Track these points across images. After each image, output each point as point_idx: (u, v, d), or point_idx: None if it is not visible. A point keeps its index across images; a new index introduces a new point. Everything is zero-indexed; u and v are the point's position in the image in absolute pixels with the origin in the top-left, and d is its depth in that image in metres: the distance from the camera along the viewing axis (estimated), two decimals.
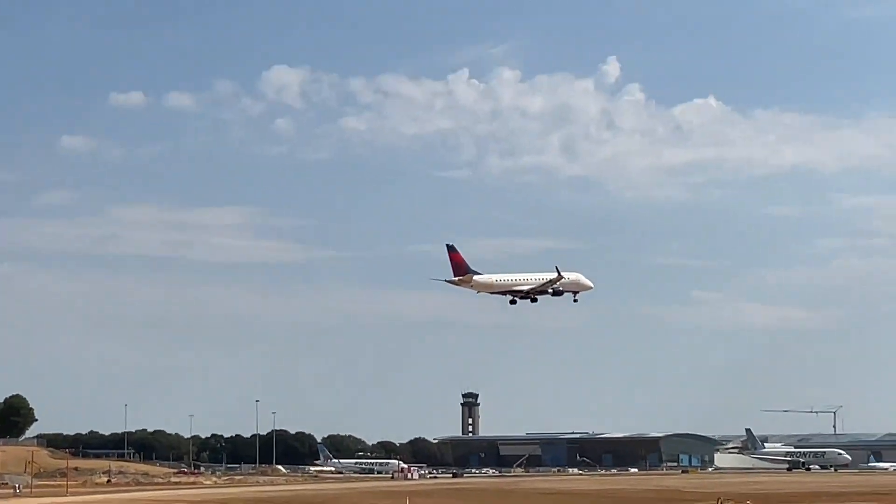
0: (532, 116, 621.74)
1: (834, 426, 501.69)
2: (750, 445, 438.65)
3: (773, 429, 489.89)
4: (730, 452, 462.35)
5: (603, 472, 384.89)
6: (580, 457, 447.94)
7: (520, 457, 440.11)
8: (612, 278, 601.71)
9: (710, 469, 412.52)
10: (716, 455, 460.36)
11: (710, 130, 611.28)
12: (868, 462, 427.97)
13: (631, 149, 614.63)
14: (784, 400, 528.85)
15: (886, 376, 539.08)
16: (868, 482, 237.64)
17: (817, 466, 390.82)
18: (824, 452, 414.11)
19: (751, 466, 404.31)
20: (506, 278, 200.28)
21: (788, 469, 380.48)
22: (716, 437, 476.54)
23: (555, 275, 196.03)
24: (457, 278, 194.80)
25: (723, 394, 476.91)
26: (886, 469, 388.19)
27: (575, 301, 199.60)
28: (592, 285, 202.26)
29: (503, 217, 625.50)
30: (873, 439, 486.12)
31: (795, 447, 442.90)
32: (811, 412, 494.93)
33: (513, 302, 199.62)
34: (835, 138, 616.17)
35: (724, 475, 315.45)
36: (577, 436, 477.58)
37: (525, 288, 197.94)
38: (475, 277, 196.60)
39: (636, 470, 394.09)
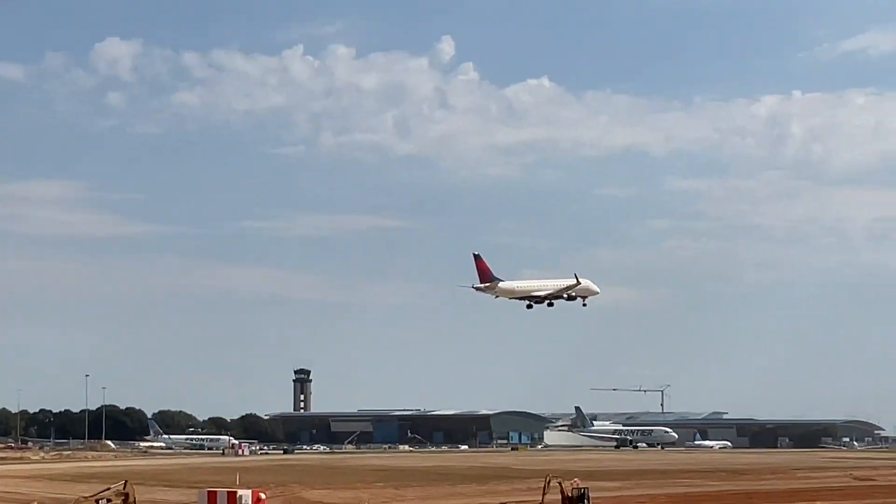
0: (366, 94, 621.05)
1: (661, 405, 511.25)
2: (579, 423, 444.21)
3: (603, 407, 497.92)
4: (559, 430, 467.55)
5: (434, 449, 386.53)
6: (411, 434, 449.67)
7: (351, 433, 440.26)
8: (444, 256, 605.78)
9: (539, 447, 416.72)
10: (545, 433, 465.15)
11: (543, 111, 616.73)
12: (694, 440, 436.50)
13: (464, 128, 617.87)
14: (613, 379, 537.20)
15: (712, 356, 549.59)
16: (694, 460, 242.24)
17: (645, 444, 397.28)
18: (651, 430, 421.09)
19: (579, 444, 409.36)
20: (526, 285, 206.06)
21: (616, 447, 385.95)
22: (546, 415, 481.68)
23: (572, 281, 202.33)
24: (483, 285, 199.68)
25: (553, 372, 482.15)
26: (712, 447, 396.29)
27: (584, 305, 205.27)
28: (600, 291, 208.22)
29: (337, 194, 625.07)
30: (699, 418, 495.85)
31: (624, 425, 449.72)
32: (639, 391, 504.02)
33: (529, 307, 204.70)
34: (664, 121, 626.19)
35: (553, 453, 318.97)
36: (409, 413, 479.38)
37: (543, 293, 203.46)
38: (500, 284, 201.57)
39: (466, 447, 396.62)
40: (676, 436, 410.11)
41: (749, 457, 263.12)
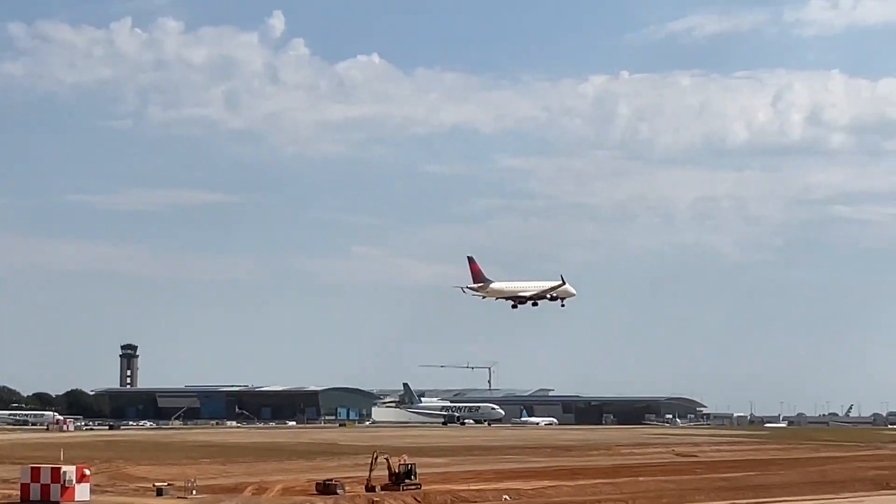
0: (196, 68, 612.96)
1: (489, 382, 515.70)
2: (407, 400, 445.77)
3: (431, 384, 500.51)
4: (388, 407, 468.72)
5: (261, 425, 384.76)
6: (239, 410, 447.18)
7: (178, 409, 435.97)
8: (273, 232, 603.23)
9: (367, 423, 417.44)
10: (374, 409, 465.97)
11: (373, 88, 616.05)
12: (521, 416, 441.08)
13: (294, 104, 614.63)
14: (442, 355, 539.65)
15: (539, 334, 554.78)
16: (520, 436, 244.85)
17: (472, 421, 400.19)
18: (479, 407, 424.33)
19: (407, 420, 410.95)
20: (514, 286, 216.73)
21: (444, 423, 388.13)
22: (374, 392, 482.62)
23: (557, 282, 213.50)
24: (476, 286, 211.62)
25: (381, 348, 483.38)
26: (538, 424, 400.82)
27: (563, 306, 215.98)
28: (576, 294, 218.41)
29: (165, 169, 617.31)
30: (526, 395, 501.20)
31: (451, 402, 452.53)
32: (468, 368, 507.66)
33: (514, 306, 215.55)
34: (494, 99, 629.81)
35: (381, 429, 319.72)
36: (237, 389, 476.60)
37: (528, 294, 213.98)
38: (491, 285, 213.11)
39: (294, 423, 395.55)
40: (503, 412, 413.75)
41: (574, 433, 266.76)
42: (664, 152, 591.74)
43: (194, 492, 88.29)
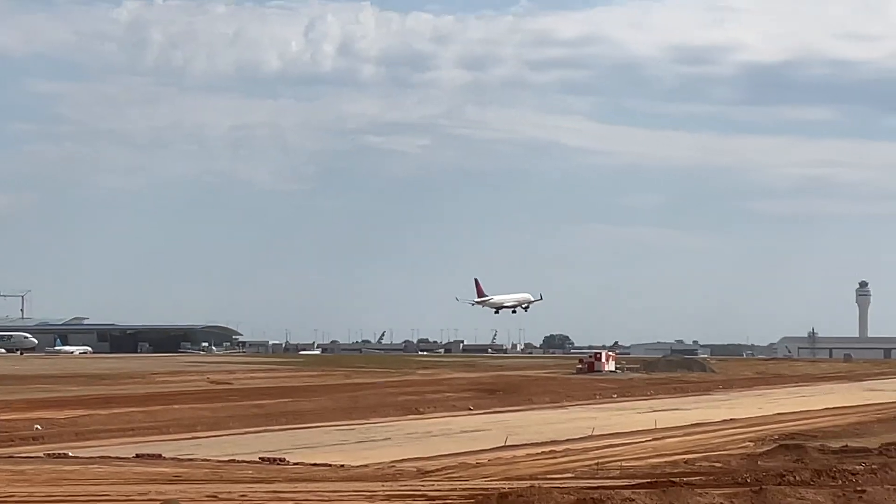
0: None
1: (22, 310, 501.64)
2: None
3: None
4: None
5: None
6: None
7: None
8: None
9: None
10: None
11: None
12: (55, 345, 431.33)
13: None
14: None
15: (74, 261, 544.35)
16: (53, 365, 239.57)
17: (4, 350, 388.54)
18: (11, 336, 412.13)
19: None
20: (502, 299, 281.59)
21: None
22: None
23: (534, 298, 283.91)
24: (480, 300, 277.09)
25: None
26: (72, 353, 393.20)
27: (526, 310, 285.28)
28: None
29: None
30: (60, 323, 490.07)
31: None
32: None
33: (496, 312, 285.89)
34: (25, 22, 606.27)
35: None
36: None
37: (511, 305, 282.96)
38: (492, 299, 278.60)
39: None
40: (36, 341, 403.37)
41: (109, 362, 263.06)
42: (198, 80, 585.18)
43: None
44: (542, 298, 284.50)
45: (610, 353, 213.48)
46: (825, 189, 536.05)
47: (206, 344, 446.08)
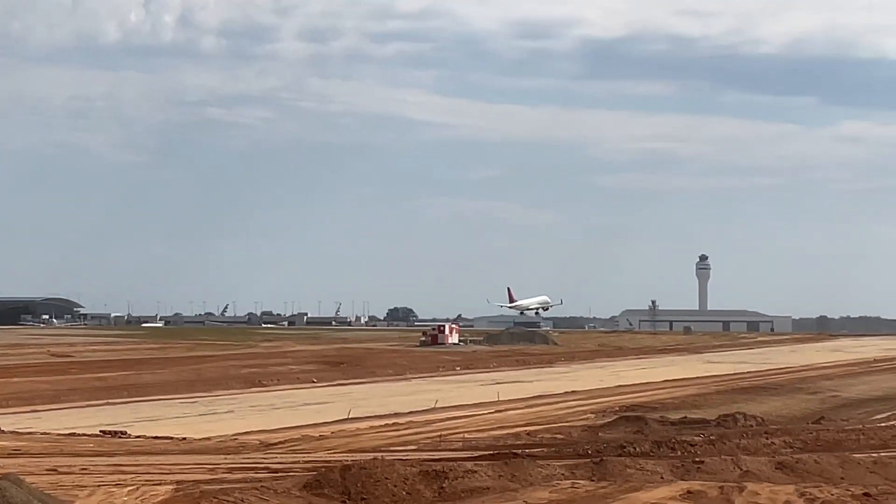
0: None
1: None
2: None
3: None
4: None
5: None
6: None
7: None
8: None
9: None
10: None
11: None
12: None
13: None
14: None
15: None
16: None
17: None
18: None
19: None
20: (528, 302, 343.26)
21: None
22: None
23: (552, 302, 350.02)
24: (511, 304, 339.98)
25: None
26: None
27: (546, 311, 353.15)
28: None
29: None
30: None
31: None
32: None
33: (521, 314, 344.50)
34: None
35: None
36: None
37: (535, 307, 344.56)
38: (519, 302, 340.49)
39: None
40: None
41: None
42: (37, 50, 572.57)
43: None
44: (561, 303, 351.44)
45: (453, 325, 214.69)
46: (665, 164, 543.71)
47: (46, 316, 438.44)
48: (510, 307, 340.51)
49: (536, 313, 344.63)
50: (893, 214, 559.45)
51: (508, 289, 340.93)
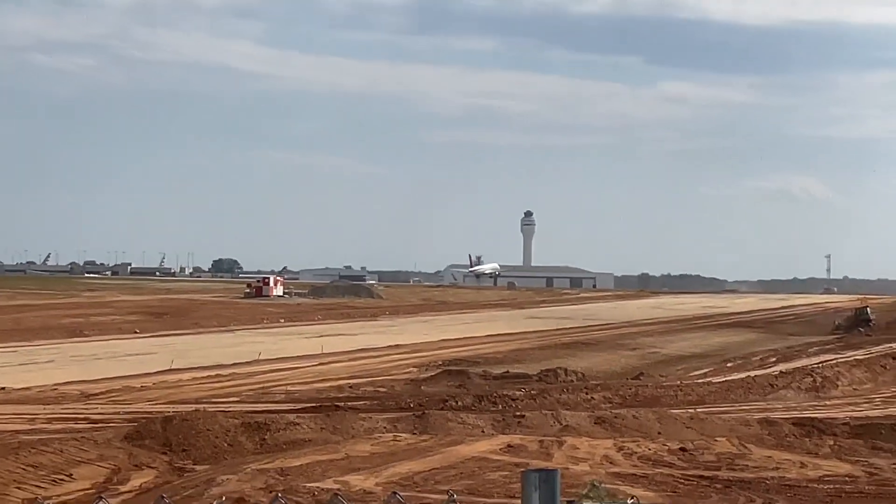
0: None
1: None
2: None
3: None
4: None
5: None
6: None
7: None
8: None
9: None
10: None
11: None
12: None
13: None
14: None
15: None
16: None
17: None
18: None
19: None
20: (483, 268, 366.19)
21: None
22: None
23: (498, 267, 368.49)
24: (472, 269, 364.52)
25: None
26: None
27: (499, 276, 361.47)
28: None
29: None
30: None
31: None
32: None
33: (477, 278, 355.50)
34: None
35: None
36: None
37: (489, 272, 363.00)
38: (476, 269, 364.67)
39: None
40: None
41: None
42: None
43: None
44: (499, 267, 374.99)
45: (278, 278, 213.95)
46: (493, 120, 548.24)
47: None
48: (469, 272, 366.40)
49: (491, 277, 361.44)
50: (715, 175, 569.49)
51: (469, 255, 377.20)
